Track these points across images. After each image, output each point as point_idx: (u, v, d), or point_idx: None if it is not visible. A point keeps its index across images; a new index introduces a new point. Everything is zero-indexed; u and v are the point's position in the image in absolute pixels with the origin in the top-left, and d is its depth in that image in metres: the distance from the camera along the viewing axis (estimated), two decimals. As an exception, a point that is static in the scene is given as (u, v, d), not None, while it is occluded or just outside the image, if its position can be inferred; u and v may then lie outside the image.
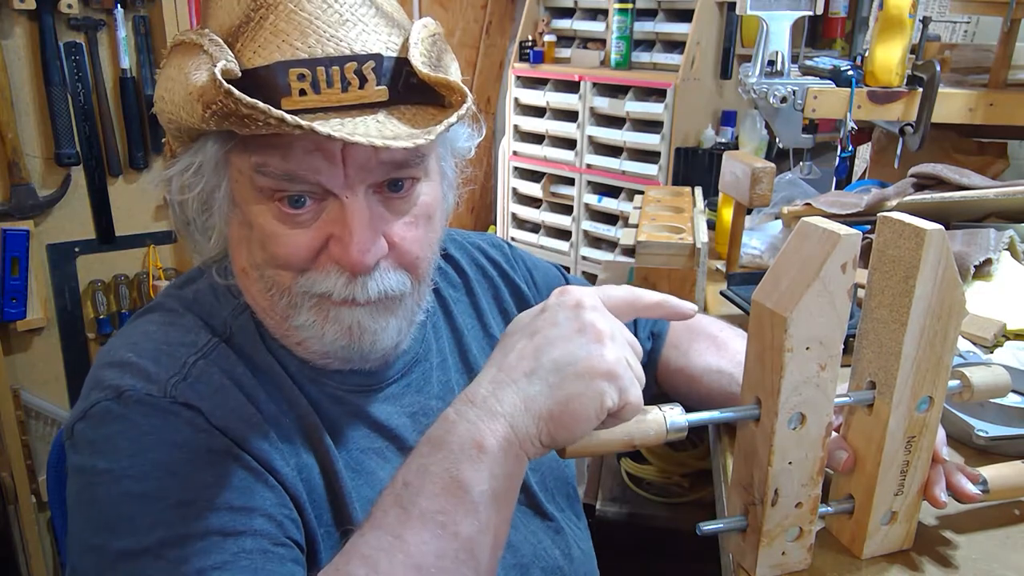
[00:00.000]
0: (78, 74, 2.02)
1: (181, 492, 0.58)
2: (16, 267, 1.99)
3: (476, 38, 3.24)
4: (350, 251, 0.63)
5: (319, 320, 0.67)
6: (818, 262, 0.55)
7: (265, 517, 0.60)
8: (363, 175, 0.63)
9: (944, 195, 1.36)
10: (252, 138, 0.60)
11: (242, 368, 0.68)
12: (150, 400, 0.62)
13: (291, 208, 0.63)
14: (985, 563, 0.69)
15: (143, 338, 0.69)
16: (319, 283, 0.65)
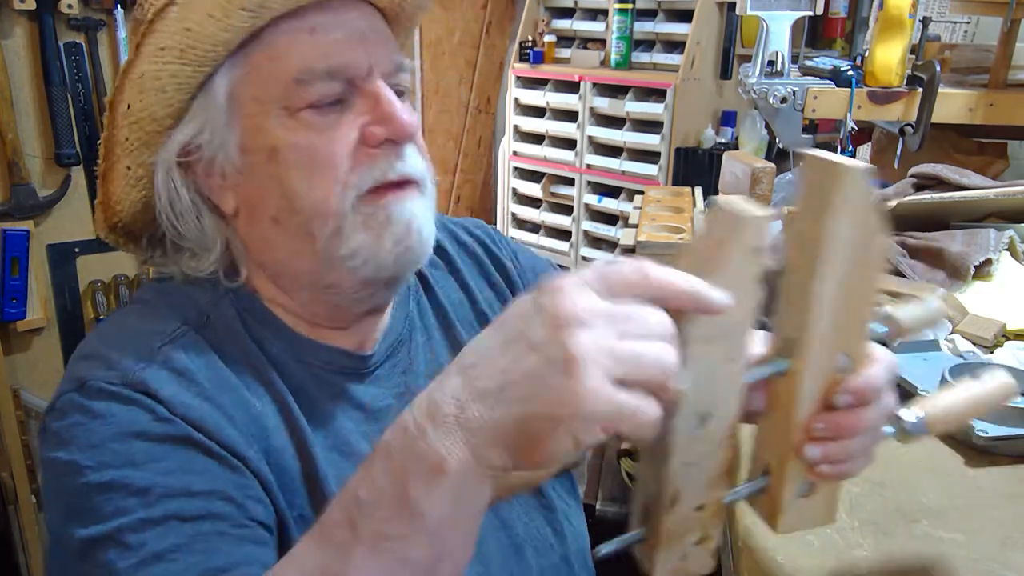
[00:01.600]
0: (78, 74, 2.02)
1: (140, 479, 0.59)
2: (16, 267, 1.99)
3: (476, 38, 3.24)
4: (395, 114, 0.67)
5: (374, 234, 0.68)
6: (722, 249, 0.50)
7: (225, 500, 0.60)
8: (382, 64, 0.70)
9: (944, 195, 1.36)
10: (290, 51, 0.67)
11: (213, 355, 0.68)
12: (109, 389, 0.62)
13: (320, 113, 0.67)
14: (985, 563, 0.69)
15: (115, 329, 0.71)
16: (369, 173, 0.68)
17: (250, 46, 0.67)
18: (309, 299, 0.74)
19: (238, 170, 0.69)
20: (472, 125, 3.36)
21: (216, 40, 0.65)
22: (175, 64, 0.66)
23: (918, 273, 1.27)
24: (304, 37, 0.67)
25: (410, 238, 0.70)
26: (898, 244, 1.33)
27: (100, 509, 0.58)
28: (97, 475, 0.59)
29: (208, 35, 0.65)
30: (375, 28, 0.71)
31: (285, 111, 0.67)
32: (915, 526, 0.74)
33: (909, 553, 0.71)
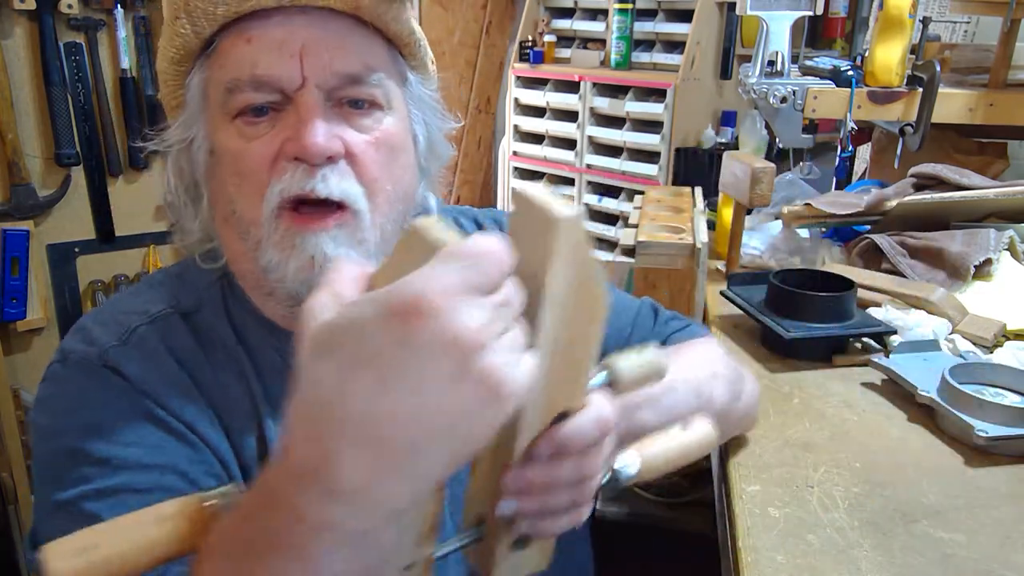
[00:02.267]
0: (78, 74, 2.02)
1: (99, 450, 0.64)
2: (16, 267, 1.99)
3: (476, 38, 3.24)
4: (302, 135, 0.65)
5: (282, 256, 0.68)
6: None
7: (177, 474, 0.64)
8: (318, 76, 0.66)
9: (944, 195, 1.36)
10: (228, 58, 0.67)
11: (190, 341, 0.71)
12: (86, 363, 0.68)
13: (252, 118, 0.68)
14: (985, 563, 0.69)
15: (109, 306, 0.76)
16: (277, 186, 0.67)
17: (211, 49, 0.69)
18: (264, 298, 0.75)
19: (207, 168, 0.72)
20: (472, 125, 3.36)
21: (175, 44, 0.69)
22: (163, 63, 0.72)
23: (918, 273, 1.27)
24: (241, 46, 0.67)
25: (312, 272, 0.67)
26: (898, 244, 1.33)
27: (65, 475, 0.63)
28: (65, 441, 0.65)
29: (169, 38, 0.69)
30: (326, 35, 0.67)
31: (226, 116, 0.68)
32: (915, 526, 0.74)
33: (909, 553, 0.71)
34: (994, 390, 0.95)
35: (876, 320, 1.11)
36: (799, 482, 0.81)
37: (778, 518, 0.75)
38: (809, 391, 1.00)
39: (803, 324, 1.08)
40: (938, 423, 0.91)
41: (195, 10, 0.66)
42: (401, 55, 0.74)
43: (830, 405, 0.97)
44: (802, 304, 1.10)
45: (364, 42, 0.70)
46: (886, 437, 0.90)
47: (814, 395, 0.99)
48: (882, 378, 1.02)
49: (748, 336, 1.17)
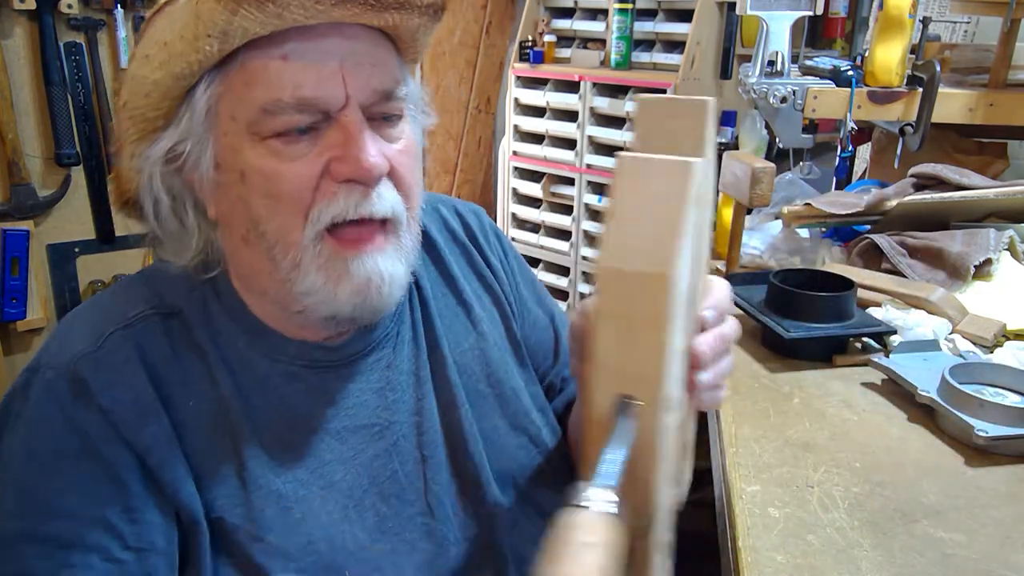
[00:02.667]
0: (78, 74, 2.02)
1: (42, 490, 0.64)
2: (16, 267, 1.99)
3: (476, 38, 3.24)
4: (359, 157, 0.64)
5: (330, 282, 0.67)
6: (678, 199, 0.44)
7: (105, 528, 0.64)
8: (361, 94, 0.66)
9: (944, 195, 1.36)
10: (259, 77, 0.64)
11: (164, 346, 0.70)
12: (53, 384, 0.67)
13: (288, 141, 0.65)
14: (985, 563, 0.69)
15: (89, 306, 0.75)
16: (328, 210, 0.65)
17: (229, 64, 0.65)
18: (277, 310, 0.73)
19: (214, 183, 0.69)
20: (472, 125, 3.36)
21: (188, 59, 0.64)
22: (158, 72, 0.66)
23: (918, 273, 1.27)
24: (276, 64, 0.64)
25: (369, 292, 0.67)
26: (898, 244, 1.33)
27: (11, 508, 0.64)
28: (17, 471, 0.66)
29: (180, 53, 0.64)
30: (361, 52, 0.66)
31: (256, 135, 0.65)
32: (915, 526, 0.74)
33: (909, 553, 0.71)
34: (994, 390, 0.95)
35: (876, 320, 1.11)
36: (799, 482, 0.81)
37: (778, 518, 0.75)
38: (809, 391, 1.00)
39: (803, 324, 1.08)
40: (938, 423, 0.91)
41: (236, 30, 0.61)
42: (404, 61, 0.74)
43: (830, 405, 0.97)
44: (802, 304, 1.10)
45: (389, 55, 0.70)
46: (886, 437, 0.90)
47: (814, 395, 0.99)
48: (882, 378, 1.02)
49: (748, 336, 1.17)
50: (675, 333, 0.45)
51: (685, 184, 0.44)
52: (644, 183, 0.46)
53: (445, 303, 0.85)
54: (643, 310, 0.45)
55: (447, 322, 0.84)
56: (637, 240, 0.45)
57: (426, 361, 0.81)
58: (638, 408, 0.46)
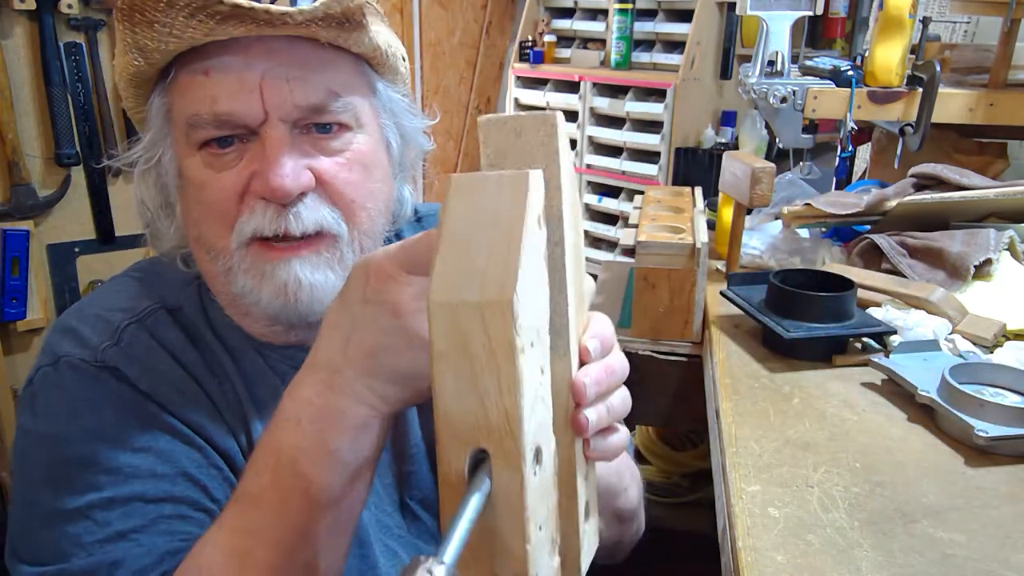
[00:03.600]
0: (78, 74, 2.02)
1: (109, 458, 0.63)
2: (16, 267, 1.99)
3: (476, 38, 3.24)
4: (269, 176, 0.63)
5: (255, 283, 0.67)
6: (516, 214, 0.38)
7: (188, 481, 0.64)
8: (281, 109, 0.64)
9: (944, 195, 1.36)
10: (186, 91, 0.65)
11: (179, 336, 0.71)
12: (82, 366, 0.66)
13: (217, 150, 0.66)
14: (985, 563, 0.69)
15: (90, 303, 0.74)
16: (247, 224, 0.66)
17: (171, 76, 0.67)
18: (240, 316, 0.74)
19: (178, 187, 0.71)
20: (472, 125, 3.36)
21: (129, 71, 0.67)
22: (122, 82, 0.70)
23: (918, 273, 1.27)
24: (199, 79, 0.65)
25: (286, 296, 0.67)
26: (898, 244, 1.33)
27: (73, 483, 0.63)
28: (72, 449, 0.64)
29: (123, 66, 0.67)
30: (286, 65, 0.65)
31: (191, 146, 0.67)
32: (915, 526, 0.74)
33: (909, 553, 0.71)
34: (994, 390, 0.95)
35: (876, 320, 1.11)
36: (799, 482, 0.81)
37: (778, 518, 0.75)
38: (809, 391, 1.00)
39: (803, 324, 1.08)
40: (938, 423, 0.91)
41: (145, 47, 0.63)
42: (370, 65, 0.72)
43: (830, 405, 0.97)
44: (802, 304, 1.09)
45: (326, 65, 0.67)
46: (886, 437, 0.90)
47: (814, 395, 0.99)
48: (882, 378, 1.02)
49: (748, 336, 1.17)
50: (527, 369, 0.39)
51: (523, 197, 0.39)
52: (476, 203, 0.40)
53: None
54: (484, 347, 0.38)
55: None
56: (471, 267, 0.38)
57: None
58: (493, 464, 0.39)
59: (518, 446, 0.38)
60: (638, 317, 1.30)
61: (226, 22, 0.61)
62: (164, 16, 0.60)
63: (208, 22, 0.60)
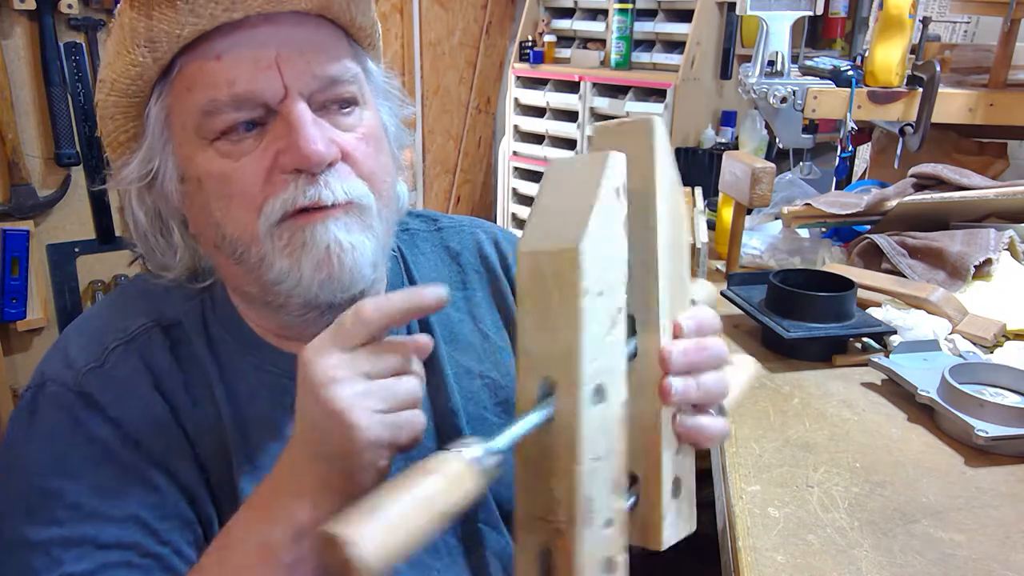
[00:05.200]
0: (78, 74, 2.02)
1: (71, 493, 0.64)
2: (16, 267, 1.99)
3: (476, 38, 3.24)
4: (299, 145, 0.63)
5: (294, 260, 0.66)
6: (593, 184, 0.46)
7: (137, 526, 0.64)
8: (300, 83, 0.64)
9: (944, 195, 1.36)
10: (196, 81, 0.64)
11: (167, 357, 0.70)
12: (61, 396, 0.67)
13: (234, 139, 0.65)
14: (985, 563, 0.69)
15: (86, 321, 0.74)
16: (280, 200, 0.64)
17: (171, 74, 0.66)
18: (266, 314, 0.73)
19: (183, 195, 0.69)
20: (472, 125, 3.36)
21: (130, 74, 0.65)
22: (112, 95, 0.67)
23: (918, 273, 1.27)
24: (211, 64, 0.63)
25: (331, 265, 0.65)
26: (898, 244, 1.33)
27: (37, 514, 0.64)
28: (39, 480, 0.65)
29: (123, 70, 0.65)
30: (298, 40, 0.65)
31: (204, 140, 0.65)
32: (915, 526, 0.74)
33: (909, 553, 0.71)
34: (994, 390, 0.95)
35: (876, 320, 1.11)
36: (799, 482, 0.81)
37: (778, 518, 0.75)
38: (809, 391, 1.00)
39: (803, 324, 1.08)
40: (938, 423, 0.91)
41: (159, 35, 0.62)
42: (360, 46, 0.72)
43: (830, 405, 0.97)
44: (802, 304, 1.10)
45: (333, 40, 0.68)
46: (886, 437, 0.90)
47: (814, 395, 0.99)
48: (882, 378, 1.02)
49: (748, 336, 1.17)
50: (589, 310, 0.45)
51: (600, 171, 0.46)
52: (565, 176, 0.48)
53: (463, 327, 0.84)
54: (556, 288, 0.45)
55: (461, 345, 0.83)
56: (552, 225, 0.46)
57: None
58: (557, 390, 0.46)
59: (578, 375, 0.44)
60: (638, 317, 1.30)
61: None
62: None
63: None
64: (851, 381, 1.03)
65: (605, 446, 0.47)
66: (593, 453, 0.46)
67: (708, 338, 0.56)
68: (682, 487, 0.56)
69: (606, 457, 0.47)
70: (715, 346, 0.56)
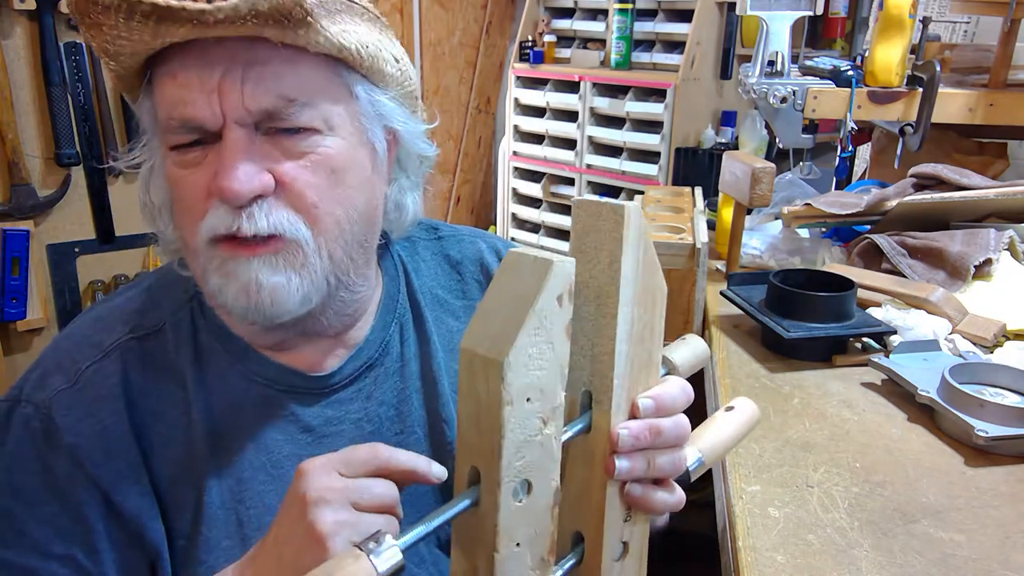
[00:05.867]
0: (78, 74, 2.02)
1: (21, 520, 0.67)
2: (16, 267, 1.99)
3: (476, 38, 3.24)
4: (220, 179, 0.63)
5: (223, 282, 0.67)
6: (531, 295, 0.47)
7: (71, 566, 0.66)
8: (236, 112, 0.64)
9: (944, 195, 1.36)
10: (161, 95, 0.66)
11: (138, 373, 0.71)
12: (30, 418, 0.69)
13: (185, 152, 0.67)
14: (985, 563, 0.69)
15: (69, 334, 0.75)
16: (208, 223, 0.66)
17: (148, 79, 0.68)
18: (227, 316, 0.73)
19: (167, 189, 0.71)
20: (472, 125, 3.36)
21: (112, 77, 0.69)
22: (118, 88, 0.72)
23: (918, 273, 1.27)
24: (168, 83, 0.65)
25: (248, 298, 0.66)
26: (898, 244, 1.33)
27: None
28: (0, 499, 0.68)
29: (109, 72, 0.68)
30: (243, 68, 0.63)
31: (166, 146, 0.68)
32: (915, 526, 0.74)
33: (909, 553, 0.71)
34: (994, 390, 0.95)
35: (876, 320, 1.11)
36: (799, 482, 0.81)
37: (778, 518, 0.75)
38: (809, 391, 1.00)
39: (803, 324, 1.08)
40: (938, 423, 0.91)
41: (105, 50, 0.63)
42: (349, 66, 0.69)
43: (830, 405, 0.97)
44: (802, 304, 1.10)
45: (284, 67, 0.65)
46: (886, 437, 0.90)
47: (814, 395, 0.99)
48: (882, 378, 1.02)
49: (748, 336, 1.17)
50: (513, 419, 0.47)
51: (542, 280, 0.47)
52: (513, 277, 0.49)
53: (447, 341, 0.84)
54: (484, 392, 0.47)
55: (448, 358, 0.83)
56: (491, 327, 0.48)
57: (414, 394, 0.80)
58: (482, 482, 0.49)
59: (498, 476, 0.47)
60: (638, 317, 1.30)
61: (163, 23, 0.60)
62: (105, 19, 0.60)
63: (147, 23, 0.60)
64: (851, 381, 1.03)
65: (528, 533, 0.50)
66: (514, 541, 0.50)
67: (664, 420, 0.56)
68: (629, 551, 0.59)
69: (529, 543, 0.50)
70: (671, 428, 0.56)
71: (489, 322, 0.48)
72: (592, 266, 0.53)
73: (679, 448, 0.58)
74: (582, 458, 0.56)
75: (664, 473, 0.57)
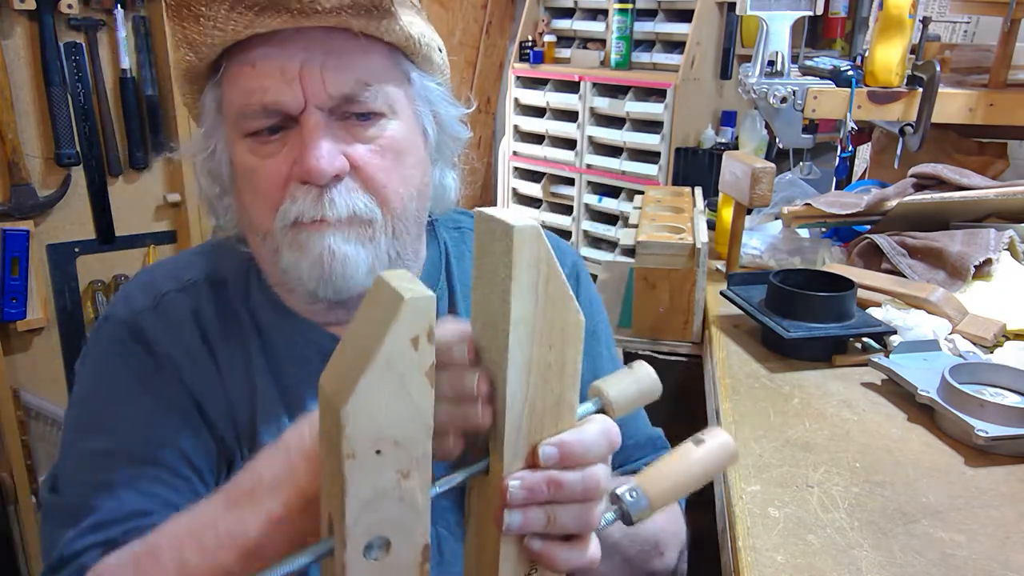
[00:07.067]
0: (78, 74, 2.02)
1: (117, 414, 0.73)
2: (16, 267, 1.99)
3: (476, 38, 3.24)
4: (306, 159, 0.68)
5: (297, 257, 0.72)
6: (380, 335, 0.40)
7: (173, 450, 0.72)
8: (318, 97, 0.69)
9: (944, 195, 1.36)
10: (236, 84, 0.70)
11: (212, 308, 0.78)
12: (120, 329, 0.76)
13: (261, 140, 0.71)
14: (985, 563, 0.69)
15: (154, 269, 0.84)
16: (290, 210, 0.71)
17: (223, 70, 0.72)
18: (286, 293, 0.80)
19: (230, 174, 0.76)
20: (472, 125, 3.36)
21: (182, 67, 0.72)
22: (177, 78, 0.76)
23: (918, 273, 1.27)
24: (247, 71, 0.69)
25: (322, 268, 0.71)
26: (898, 244, 1.33)
27: (88, 428, 0.74)
28: (95, 400, 0.75)
29: (177, 62, 0.72)
30: (321, 55, 0.68)
31: (240, 134, 0.72)
32: (915, 526, 0.74)
33: (909, 553, 0.71)
34: (994, 390, 0.95)
35: (876, 320, 1.11)
36: (799, 482, 0.81)
37: (778, 518, 0.75)
38: (809, 391, 1.01)
39: (803, 324, 1.08)
40: (938, 423, 0.91)
41: (193, 41, 0.68)
42: (405, 55, 0.75)
43: (830, 405, 0.97)
44: (802, 304, 1.10)
45: (359, 55, 0.70)
46: (886, 437, 0.90)
47: (814, 395, 0.99)
48: (882, 378, 1.02)
49: (748, 336, 1.17)
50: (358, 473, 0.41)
51: (389, 322, 0.40)
52: (374, 309, 0.42)
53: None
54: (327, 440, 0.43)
55: None
56: (343, 367, 0.42)
57: None
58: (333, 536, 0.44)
59: (344, 535, 0.42)
60: (638, 317, 1.30)
61: (264, 13, 0.65)
62: (207, 9, 0.65)
63: (247, 14, 0.65)
64: (851, 381, 1.03)
65: None
66: None
67: (568, 473, 0.49)
68: None
69: None
70: (575, 482, 0.49)
71: (343, 359, 0.42)
72: (489, 291, 0.46)
73: (590, 502, 0.50)
74: (483, 505, 0.50)
75: (568, 530, 0.50)
